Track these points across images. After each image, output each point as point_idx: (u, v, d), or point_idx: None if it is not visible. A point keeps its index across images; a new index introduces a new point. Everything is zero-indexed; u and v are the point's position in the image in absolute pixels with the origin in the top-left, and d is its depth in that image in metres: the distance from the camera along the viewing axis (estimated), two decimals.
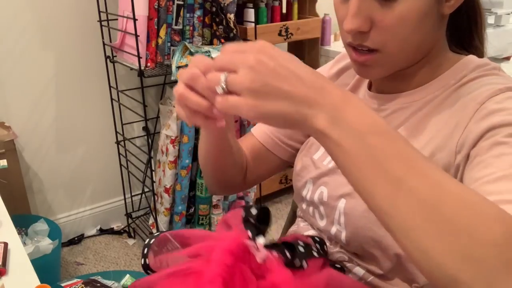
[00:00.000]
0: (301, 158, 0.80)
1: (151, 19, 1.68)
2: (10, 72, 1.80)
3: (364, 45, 0.61)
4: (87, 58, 1.94)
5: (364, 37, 0.60)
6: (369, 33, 0.60)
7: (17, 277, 0.82)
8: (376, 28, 0.59)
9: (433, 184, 0.41)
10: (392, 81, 0.68)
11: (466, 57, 0.67)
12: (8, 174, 1.67)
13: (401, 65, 0.65)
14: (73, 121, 2.00)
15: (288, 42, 2.10)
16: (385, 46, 0.60)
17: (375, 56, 0.62)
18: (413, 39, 0.60)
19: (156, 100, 2.13)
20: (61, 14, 1.84)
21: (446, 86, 0.65)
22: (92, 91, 2.00)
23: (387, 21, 0.58)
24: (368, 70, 0.65)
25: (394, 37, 0.59)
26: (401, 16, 0.57)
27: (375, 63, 0.63)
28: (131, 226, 2.19)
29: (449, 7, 0.61)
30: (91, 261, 2.00)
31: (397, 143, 0.43)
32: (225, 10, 1.75)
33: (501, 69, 0.66)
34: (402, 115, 0.67)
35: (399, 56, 0.62)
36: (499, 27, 2.20)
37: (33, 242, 1.76)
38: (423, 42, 0.62)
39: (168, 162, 1.83)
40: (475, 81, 0.63)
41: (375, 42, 0.60)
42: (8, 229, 0.95)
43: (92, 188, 2.16)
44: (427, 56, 0.66)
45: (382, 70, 0.65)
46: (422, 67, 0.67)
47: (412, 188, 0.41)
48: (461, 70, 0.65)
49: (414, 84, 0.67)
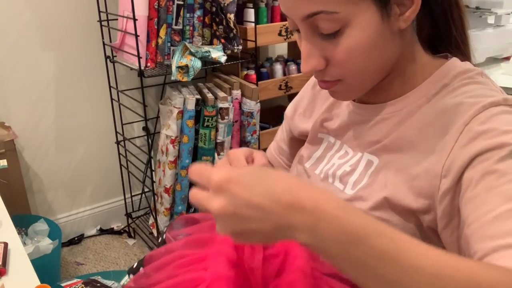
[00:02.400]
0: (296, 165, 0.81)
1: (151, 19, 1.68)
2: (10, 72, 1.80)
3: (325, 80, 0.63)
4: (87, 58, 1.94)
5: (323, 73, 0.62)
6: (326, 69, 0.61)
7: (17, 277, 0.82)
8: (331, 64, 0.60)
9: (430, 277, 0.40)
10: (370, 93, 0.68)
11: (447, 63, 0.65)
12: (8, 174, 1.67)
13: (368, 86, 0.65)
14: (73, 121, 2.00)
15: (288, 42, 2.10)
16: (344, 76, 0.61)
17: (339, 84, 0.63)
18: (371, 65, 0.60)
19: (156, 100, 2.13)
20: (61, 14, 1.84)
21: (427, 95, 0.63)
22: (92, 91, 2.00)
23: (338, 57, 0.59)
24: (338, 95, 0.67)
25: (350, 68, 0.60)
26: (350, 50, 0.58)
27: (341, 89, 0.64)
28: (131, 226, 2.19)
29: (405, 21, 0.59)
30: (91, 261, 2.00)
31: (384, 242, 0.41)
32: (225, 10, 1.75)
33: (484, 74, 0.64)
34: (386, 126, 0.66)
35: (361, 81, 0.63)
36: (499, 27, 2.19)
37: (33, 242, 1.77)
38: (383, 62, 0.62)
39: (168, 162, 1.83)
40: (457, 91, 0.61)
41: (334, 75, 0.62)
42: (8, 229, 0.95)
43: (92, 188, 2.16)
44: (396, 69, 0.65)
45: (350, 94, 0.66)
46: (394, 79, 0.66)
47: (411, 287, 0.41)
48: (441, 78, 0.63)
49: (393, 95, 0.67)
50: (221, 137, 1.87)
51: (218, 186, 0.44)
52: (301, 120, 0.84)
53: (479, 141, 0.53)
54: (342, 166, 0.70)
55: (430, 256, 0.41)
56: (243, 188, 0.43)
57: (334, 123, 0.75)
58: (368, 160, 0.66)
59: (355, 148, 0.70)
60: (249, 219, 0.43)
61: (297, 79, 2.11)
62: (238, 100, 1.90)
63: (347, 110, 0.74)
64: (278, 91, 2.07)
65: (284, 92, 2.09)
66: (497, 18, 2.18)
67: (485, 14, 2.08)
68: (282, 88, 2.08)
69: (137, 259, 2.01)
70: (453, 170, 0.55)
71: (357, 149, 0.70)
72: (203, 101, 1.83)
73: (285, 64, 2.16)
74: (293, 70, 2.14)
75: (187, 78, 1.69)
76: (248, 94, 1.90)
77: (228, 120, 1.85)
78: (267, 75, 2.09)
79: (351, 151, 0.71)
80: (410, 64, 0.65)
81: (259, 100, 1.92)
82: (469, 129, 0.55)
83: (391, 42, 0.60)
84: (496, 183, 0.50)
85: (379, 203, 0.61)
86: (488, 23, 2.19)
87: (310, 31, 0.59)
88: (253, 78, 1.99)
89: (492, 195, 0.50)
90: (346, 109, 0.74)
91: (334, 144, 0.74)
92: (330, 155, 0.74)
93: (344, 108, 0.75)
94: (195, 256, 0.64)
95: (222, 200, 0.44)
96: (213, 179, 0.44)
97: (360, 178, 0.66)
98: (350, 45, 0.57)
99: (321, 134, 0.78)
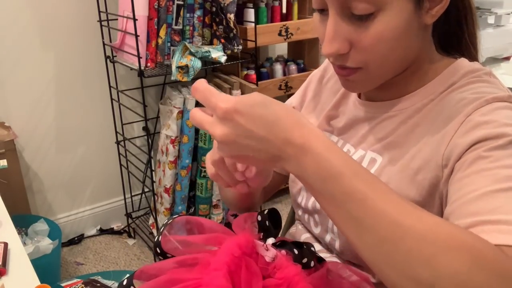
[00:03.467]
0: None
1: (151, 19, 1.68)
2: (10, 72, 1.80)
3: (346, 65, 0.61)
4: (87, 58, 1.94)
5: (345, 58, 0.60)
6: (349, 53, 0.59)
7: (17, 277, 0.82)
8: (355, 49, 0.58)
9: (391, 222, 0.43)
10: (379, 90, 0.67)
11: (455, 62, 0.65)
12: (8, 174, 1.67)
13: (385, 78, 0.64)
14: (73, 121, 2.00)
15: (288, 42, 2.10)
16: (366, 64, 0.60)
17: (358, 73, 0.61)
18: (394, 55, 0.60)
19: (156, 100, 2.13)
20: (61, 14, 1.84)
21: (435, 93, 0.63)
22: (92, 91, 2.00)
23: (365, 42, 0.57)
24: (353, 85, 0.65)
25: (374, 55, 0.59)
26: (379, 35, 0.56)
27: (358, 79, 0.62)
28: (131, 226, 2.19)
29: (432, 17, 0.59)
30: (91, 261, 2.00)
31: (355, 183, 0.46)
32: (225, 10, 1.75)
33: (492, 74, 0.64)
34: (391, 124, 0.66)
35: (382, 71, 0.62)
36: (499, 27, 2.19)
37: (33, 242, 1.76)
38: (406, 55, 0.61)
39: (168, 162, 1.83)
40: (463, 88, 0.61)
41: (356, 61, 0.60)
42: (8, 229, 0.95)
43: (92, 188, 2.16)
44: (412, 65, 0.65)
45: (366, 84, 0.65)
46: (408, 75, 0.66)
47: (371, 228, 0.44)
48: (450, 77, 0.63)
49: (401, 93, 0.66)
50: None
51: (224, 115, 0.48)
52: (306, 115, 0.83)
53: (478, 130, 0.54)
54: None
55: (397, 203, 0.45)
56: (247, 120, 0.48)
57: (340, 121, 0.75)
58: (372, 158, 0.66)
59: (358, 145, 0.70)
60: (248, 147, 0.49)
61: (297, 79, 2.11)
62: None
63: (354, 107, 0.73)
64: (278, 91, 2.07)
65: (284, 92, 2.09)
66: (497, 18, 2.18)
67: (485, 14, 2.09)
68: (282, 88, 2.08)
69: (137, 259, 2.02)
70: (452, 158, 0.55)
71: (360, 146, 0.70)
72: None
73: (285, 64, 2.16)
74: (293, 70, 2.14)
75: (187, 78, 1.69)
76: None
77: None
78: (267, 75, 2.09)
79: (353, 149, 0.71)
80: (425, 63, 0.65)
81: None
82: (470, 119, 0.56)
83: (416, 35, 0.60)
84: (487, 166, 0.51)
85: None
86: (488, 23, 2.18)
87: (341, 10, 0.57)
88: (253, 78, 1.99)
89: (480, 176, 0.50)
90: (352, 106, 0.74)
91: (337, 143, 0.74)
92: None
93: (351, 106, 0.74)
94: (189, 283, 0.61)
95: (226, 129, 0.48)
96: (220, 106, 0.48)
97: None
98: (380, 30, 0.56)
99: (326, 133, 0.78)
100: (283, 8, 2.10)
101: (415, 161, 0.60)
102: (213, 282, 0.57)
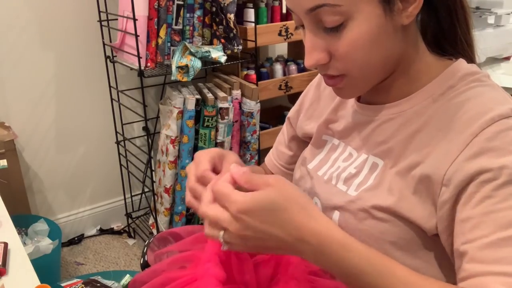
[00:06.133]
0: (299, 167, 0.81)
1: (151, 19, 1.68)
2: (10, 72, 1.80)
3: (329, 74, 0.63)
4: (87, 58, 1.94)
5: (326, 67, 0.63)
6: (330, 63, 0.62)
7: (17, 277, 0.82)
8: (334, 57, 0.61)
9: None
10: (375, 93, 0.68)
11: (453, 64, 0.65)
12: (8, 174, 1.67)
13: (373, 81, 0.65)
14: (73, 121, 2.00)
15: (288, 42, 2.10)
16: (348, 71, 0.62)
17: (344, 80, 0.63)
18: (374, 58, 0.60)
19: (156, 100, 2.13)
20: (61, 14, 1.84)
21: (433, 95, 0.63)
22: (92, 91, 2.00)
23: (341, 50, 0.59)
24: (343, 92, 0.67)
25: (353, 62, 0.60)
26: (352, 43, 0.58)
27: (345, 86, 0.64)
28: (131, 226, 2.19)
29: (408, 17, 0.59)
30: (91, 261, 2.00)
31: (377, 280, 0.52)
32: (225, 10, 1.75)
33: (489, 78, 0.64)
34: (391, 126, 0.66)
35: (365, 75, 0.63)
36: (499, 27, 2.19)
37: (33, 242, 1.76)
38: (387, 57, 0.62)
39: (168, 162, 1.83)
40: (464, 94, 0.61)
41: (338, 69, 0.62)
42: (8, 229, 0.95)
43: (92, 188, 2.16)
44: (400, 67, 0.65)
45: (355, 90, 0.66)
46: (399, 77, 0.66)
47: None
48: (447, 79, 0.63)
49: (398, 95, 0.67)
50: (221, 137, 1.87)
51: (237, 216, 0.51)
52: (305, 122, 0.84)
53: (484, 158, 0.54)
54: (347, 169, 0.70)
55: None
56: (260, 220, 0.51)
57: (339, 124, 0.76)
58: (373, 163, 0.67)
59: (360, 149, 0.70)
60: (264, 241, 0.53)
61: (297, 79, 2.11)
62: (238, 100, 1.90)
63: (352, 110, 0.74)
64: (278, 91, 2.07)
65: (284, 92, 2.09)
66: (497, 18, 2.17)
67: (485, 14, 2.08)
68: (282, 88, 2.08)
69: (137, 259, 2.02)
70: (455, 181, 0.56)
71: (361, 150, 0.70)
72: (203, 101, 1.83)
73: (285, 64, 2.16)
74: (293, 70, 2.14)
75: (187, 78, 1.69)
76: (248, 94, 1.90)
77: (228, 120, 1.85)
78: (267, 75, 2.09)
79: (355, 152, 0.71)
80: (414, 63, 0.65)
81: (259, 100, 1.92)
82: (475, 143, 0.56)
83: (394, 37, 0.60)
84: (495, 208, 0.53)
85: (383, 208, 0.62)
86: (488, 23, 2.18)
87: (314, 25, 0.60)
88: (253, 78, 1.99)
89: (489, 219, 0.53)
90: (351, 110, 0.74)
91: (338, 146, 0.74)
92: (334, 157, 0.74)
93: (349, 109, 0.75)
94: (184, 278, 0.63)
95: (240, 227, 0.52)
96: (233, 208, 0.51)
97: (364, 181, 0.66)
98: (353, 38, 0.58)
99: (326, 136, 0.78)
100: (283, 8, 2.10)
101: (416, 169, 0.60)
102: (209, 273, 0.61)
